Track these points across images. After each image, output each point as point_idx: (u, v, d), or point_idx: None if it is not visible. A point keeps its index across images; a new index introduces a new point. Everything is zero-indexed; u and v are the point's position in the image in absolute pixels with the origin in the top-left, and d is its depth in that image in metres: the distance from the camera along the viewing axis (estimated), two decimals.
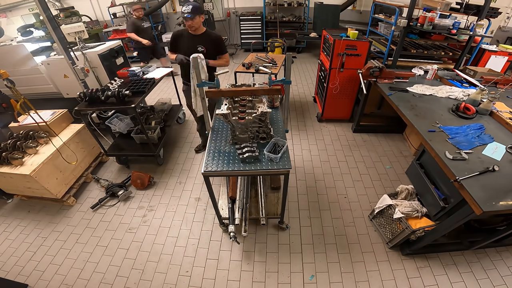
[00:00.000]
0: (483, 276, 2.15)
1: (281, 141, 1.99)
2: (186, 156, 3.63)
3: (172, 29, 8.15)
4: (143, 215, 2.81)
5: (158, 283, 2.21)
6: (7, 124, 3.07)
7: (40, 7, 2.68)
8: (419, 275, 2.17)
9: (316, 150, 3.60)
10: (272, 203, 2.61)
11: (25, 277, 2.30)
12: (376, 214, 2.47)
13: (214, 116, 2.27)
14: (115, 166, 3.54)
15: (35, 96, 3.68)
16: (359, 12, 7.49)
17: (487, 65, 4.32)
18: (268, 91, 1.93)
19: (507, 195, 1.55)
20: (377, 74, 3.14)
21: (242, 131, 2.01)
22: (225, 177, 2.81)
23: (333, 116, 4.17)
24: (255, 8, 7.72)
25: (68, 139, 2.97)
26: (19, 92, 2.38)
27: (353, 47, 3.35)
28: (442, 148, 1.97)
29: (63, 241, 2.59)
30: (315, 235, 2.52)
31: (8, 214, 2.94)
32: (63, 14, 6.15)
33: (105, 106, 2.92)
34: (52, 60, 3.39)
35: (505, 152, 1.91)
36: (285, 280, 2.18)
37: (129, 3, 7.61)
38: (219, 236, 2.55)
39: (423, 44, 4.33)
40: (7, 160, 2.60)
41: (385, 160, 3.38)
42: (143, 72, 3.54)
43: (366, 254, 2.34)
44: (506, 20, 5.79)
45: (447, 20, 3.60)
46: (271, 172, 1.86)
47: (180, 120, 4.34)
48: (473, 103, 2.47)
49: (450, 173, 1.76)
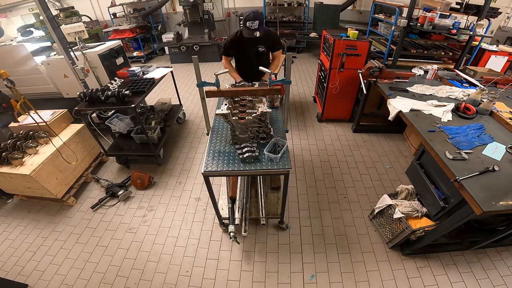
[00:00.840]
0: (483, 276, 2.15)
1: (281, 141, 1.99)
2: (186, 156, 3.63)
3: (172, 29, 8.14)
4: (143, 215, 2.81)
5: (158, 283, 2.21)
6: (7, 124, 3.08)
7: (40, 7, 2.69)
8: (419, 275, 2.17)
9: (316, 150, 3.60)
10: (272, 203, 2.61)
11: (25, 277, 2.30)
12: (376, 214, 2.47)
13: (214, 116, 2.27)
14: (115, 166, 3.54)
15: (35, 96, 3.68)
16: (359, 12, 7.49)
17: (487, 65, 4.32)
18: (268, 91, 1.93)
19: (507, 195, 1.55)
20: (377, 74, 3.14)
21: (242, 131, 2.01)
22: (226, 177, 2.81)
23: (333, 116, 4.17)
24: (255, 7, 7.71)
25: (68, 139, 2.97)
26: (19, 92, 2.39)
27: (353, 47, 3.35)
28: (442, 148, 1.97)
29: (63, 241, 2.59)
30: (315, 235, 2.52)
31: (8, 214, 2.94)
32: (63, 14, 6.15)
33: (105, 106, 2.92)
34: (52, 60, 3.39)
35: (505, 152, 1.91)
36: (285, 280, 2.18)
37: (129, 3, 7.61)
38: (219, 236, 2.55)
39: (423, 44, 4.33)
40: (7, 160, 2.60)
41: (385, 160, 3.38)
42: (143, 72, 3.54)
43: (366, 254, 2.34)
44: (506, 20, 5.78)
45: (447, 20, 3.60)
46: (271, 172, 1.86)
47: (180, 120, 4.34)
48: (473, 103, 2.47)
49: (450, 173, 1.75)
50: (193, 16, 6.79)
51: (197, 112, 4.71)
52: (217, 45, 7.11)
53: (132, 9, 7.75)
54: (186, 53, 7.08)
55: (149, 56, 7.88)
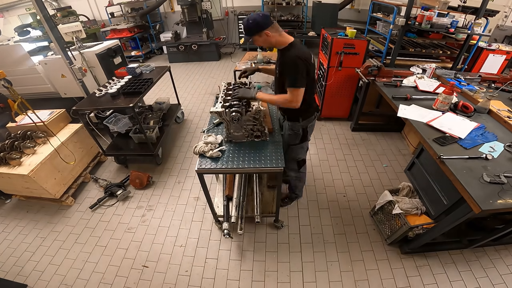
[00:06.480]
0: (482, 275, 2.16)
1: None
2: (185, 155, 3.62)
3: (170, 29, 8.12)
4: (142, 215, 2.81)
5: (157, 283, 2.20)
6: (4, 124, 3.06)
7: (37, 6, 2.67)
8: (418, 273, 2.18)
9: (314, 149, 3.60)
10: (268, 201, 2.61)
11: (24, 277, 2.29)
12: (376, 210, 2.47)
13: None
14: (113, 166, 3.53)
15: (32, 96, 3.66)
16: (358, 11, 7.49)
17: (485, 64, 4.34)
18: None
19: (505, 193, 1.55)
20: (376, 72, 3.14)
21: (237, 129, 2.01)
22: (223, 176, 2.81)
23: (331, 115, 4.17)
24: (253, 7, 7.71)
25: (66, 139, 2.96)
26: (16, 92, 2.37)
27: (351, 45, 3.35)
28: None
29: (62, 241, 2.59)
30: (314, 234, 2.52)
31: (7, 215, 2.93)
32: (60, 14, 6.13)
33: (103, 105, 2.91)
34: (50, 60, 3.36)
35: (503, 150, 1.91)
36: (284, 279, 2.18)
37: (126, 2, 7.58)
38: (218, 235, 2.55)
39: (421, 43, 4.34)
40: (5, 160, 2.59)
41: (384, 159, 3.39)
42: (142, 71, 3.54)
43: (365, 253, 2.35)
44: (504, 18, 5.80)
45: (445, 19, 3.61)
46: (265, 170, 1.87)
47: (179, 120, 4.33)
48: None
49: (449, 172, 1.75)
50: (191, 15, 6.77)
51: (196, 111, 4.70)
52: (215, 44, 7.10)
53: (130, 8, 7.71)
54: (184, 53, 7.07)
55: (147, 55, 7.85)
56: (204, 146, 1.95)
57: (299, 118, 2.04)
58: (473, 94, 2.63)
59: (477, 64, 4.41)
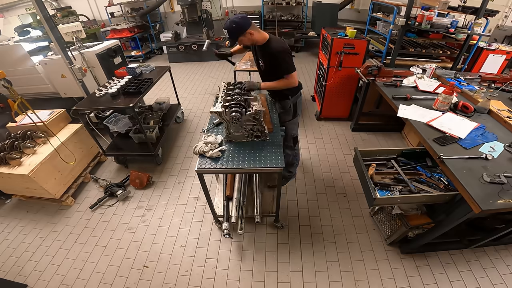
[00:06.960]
0: (482, 275, 2.15)
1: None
2: (185, 155, 3.62)
3: (170, 29, 8.12)
4: (142, 215, 2.81)
5: (157, 283, 2.20)
6: (4, 124, 3.06)
7: (37, 6, 2.66)
8: (419, 273, 2.18)
9: (315, 149, 3.60)
10: (268, 201, 2.61)
11: (24, 277, 2.29)
12: (376, 210, 2.47)
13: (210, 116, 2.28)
14: (113, 166, 3.53)
15: (32, 96, 3.67)
16: (358, 11, 7.50)
17: (485, 64, 4.34)
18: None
19: (505, 193, 1.55)
20: (376, 73, 3.14)
21: (237, 129, 2.01)
22: (223, 176, 2.81)
23: (331, 115, 4.17)
24: (253, 7, 7.71)
25: (66, 139, 2.96)
26: (16, 92, 2.37)
27: (351, 45, 3.35)
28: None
29: (62, 241, 2.59)
30: (314, 234, 2.52)
31: (7, 214, 2.93)
32: (60, 14, 6.14)
33: (103, 105, 2.91)
34: (50, 60, 3.37)
35: (503, 150, 1.91)
36: (284, 279, 2.18)
37: (126, 2, 7.58)
38: (218, 235, 2.55)
39: (421, 43, 4.34)
40: (5, 160, 2.59)
41: None
42: (142, 71, 3.54)
43: (366, 253, 2.35)
44: (504, 18, 5.79)
45: (445, 19, 3.61)
46: (265, 170, 1.87)
47: (179, 120, 4.33)
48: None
49: (449, 172, 1.76)
50: (191, 15, 6.78)
51: (196, 111, 4.70)
52: (215, 44, 7.09)
53: (130, 8, 7.72)
54: (184, 52, 7.07)
55: (147, 55, 7.84)
56: (204, 146, 1.95)
57: (289, 96, 2.35)
58: (473, 94, 2.63)
59: (477, 64, 4.41)
